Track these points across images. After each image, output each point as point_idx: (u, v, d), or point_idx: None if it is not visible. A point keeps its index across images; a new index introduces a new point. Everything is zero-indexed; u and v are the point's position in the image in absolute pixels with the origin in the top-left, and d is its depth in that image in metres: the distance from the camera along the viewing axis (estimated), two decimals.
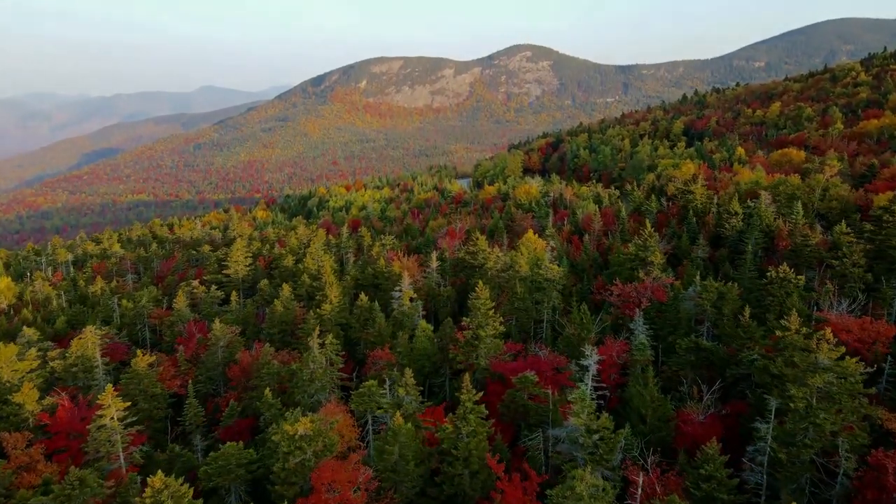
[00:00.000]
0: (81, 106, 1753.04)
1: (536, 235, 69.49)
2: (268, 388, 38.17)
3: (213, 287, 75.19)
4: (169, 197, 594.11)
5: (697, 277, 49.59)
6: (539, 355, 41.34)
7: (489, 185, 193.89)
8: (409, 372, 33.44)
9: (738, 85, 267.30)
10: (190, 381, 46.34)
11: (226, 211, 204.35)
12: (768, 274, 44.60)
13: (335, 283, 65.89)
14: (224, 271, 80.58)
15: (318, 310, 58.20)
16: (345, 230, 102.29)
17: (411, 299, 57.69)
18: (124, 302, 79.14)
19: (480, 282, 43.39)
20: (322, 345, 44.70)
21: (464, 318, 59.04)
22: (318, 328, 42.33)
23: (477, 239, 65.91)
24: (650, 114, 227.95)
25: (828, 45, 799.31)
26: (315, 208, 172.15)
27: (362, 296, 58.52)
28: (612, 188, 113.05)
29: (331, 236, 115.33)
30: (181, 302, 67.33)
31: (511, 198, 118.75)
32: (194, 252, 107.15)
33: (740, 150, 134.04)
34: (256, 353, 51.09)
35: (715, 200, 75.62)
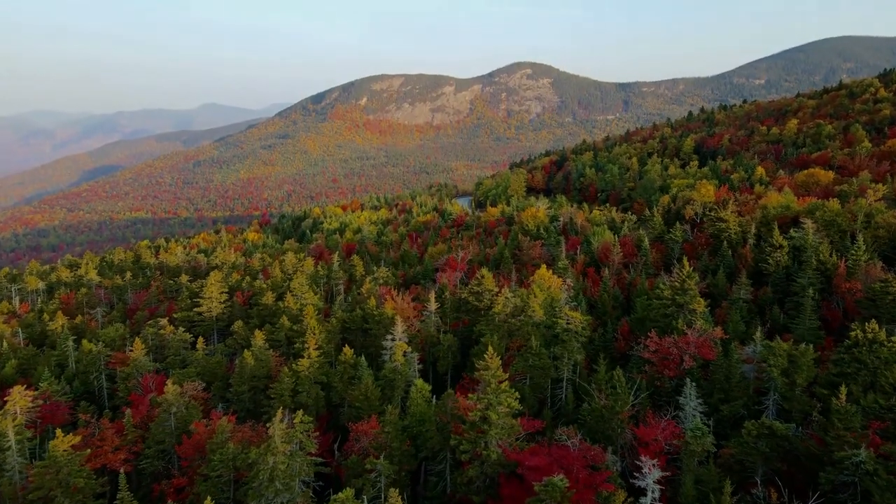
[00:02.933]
0: (84, 123, 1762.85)
1: (550, 272, 60.38)
2: (209, 498, 28.68)
3: (181, 329, 65.80)
4: (167, 214, 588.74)
5: (758, 334, 40.22)
6: (567, 445, 31.88)
7: (492, 205, 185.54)
8: (394, 494, 24.04)
9: (745, 102, 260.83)
10: (122, 471, 36.74)
11: (217, 232, 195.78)
12: (852, 334, 35.32)
13: (318, 329, 56.61)
14: (196, 309, 71.35)
15: (294, 364, 48.82)
16: (335, 258, 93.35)
17: (405, 353, 48.33)
18: (85, 343, 69.65)
19: (490, 347, 34.24)
20: (291, 424, 35.29)
21: (467, 377, 49.94)
22: (281, 412, 32.95)
23: (482, 277, 56.85)
24: (657, 131, 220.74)
25: (827, 63, 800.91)
26: (308, 231, 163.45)
27: (346, 349, 49.22)
28: (629, 214, 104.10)
29: (322, 263, 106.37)
30: (138, 349, 57.93)
31: (516, 222, 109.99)
32: (171, 282, 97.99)
33: (760, 170, 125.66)
34: (213, 426, 41.58)
35: (752, 230, 66.58)
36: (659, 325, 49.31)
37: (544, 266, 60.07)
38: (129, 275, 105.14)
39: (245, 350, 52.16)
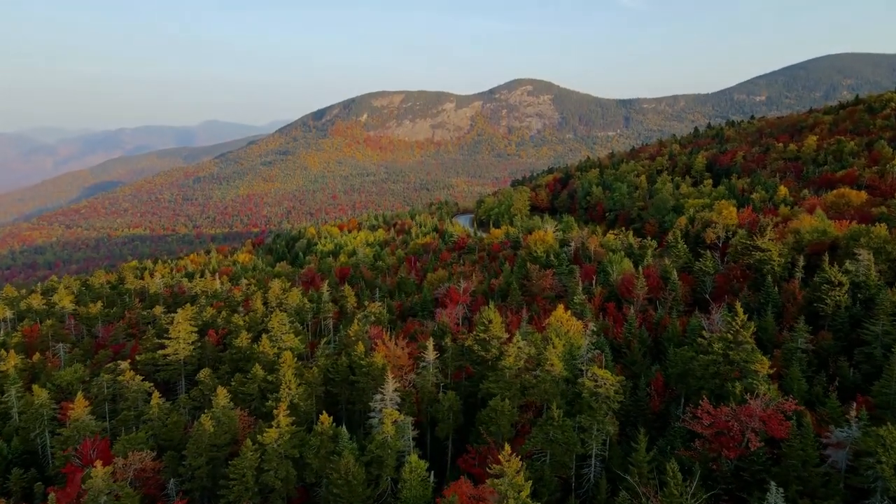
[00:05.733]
0: (86, 140, 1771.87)
1: (568, 313, 51.61)
2: None
3: (139, 377, 56.69)
4: (165, 231, 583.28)
5: (853, 416, 31.23)
6: None
7: (494, 225, 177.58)
8: None
9: (753, 118, 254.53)
10: None
11: (207, 253, 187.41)
12: None
13: (293, 382, 47.62)
14: (161, 351, 62.38)
15: (260, 435, 39.77)
16: (325, 288, 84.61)
17: (396, 422, 39.28)
18: (36, 389, 60.55)
19: (507, 445, 25.44)
20: None
21: (473, 449, 40.89)
22: None
23: (489, 322, 48.04)
24: (665, 148, 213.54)
25: (828, 79, 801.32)
26: (302, 253, 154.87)
27: (324, 417, 40.16)
28: (648, 239, 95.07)
29: (313, 291, 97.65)
30: (80, 406, 48.82)
31: (523, 246, 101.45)
32: (145, 313, 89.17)
33: (783, 190, 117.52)
34: None
35: (801, 262, 57.83)
36: (705, 386, 40.37)
37: (561, 307, 51.28)
38: (99, 304, 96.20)
39: (203, 413, 43.08)
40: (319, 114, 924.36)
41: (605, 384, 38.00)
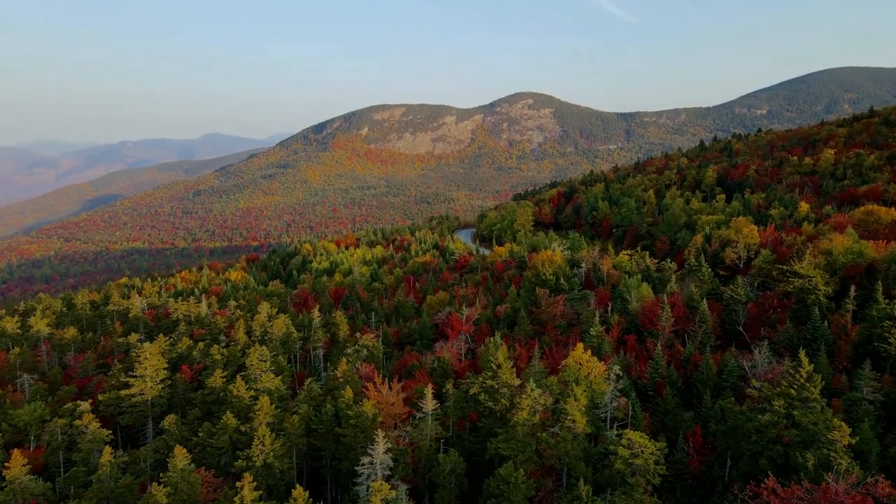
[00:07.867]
0: (88, 153, 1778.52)
1: (588, 352, 44.54)
2: None
3: (96, 423, 49.47)
4: (164, 245, 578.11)
5: None
6: None
7: (497, 242, 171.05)
8: None
9: (760, 130, 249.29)
10: None
11: (199, 269, 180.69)
12: None
13: (268, 438, 40.45)
14: (124, 391, 55.21)
15: None
16: (315, 314, 77.65)
17: (386, 499, 32.08)
18: None
19: None
20: None
21: None
22: None
23: (498, 368, 41.00)
24: (673, 161, 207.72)
25: (829, 93, 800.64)
26: (296, 271, 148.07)
27: (298, 490, 32.97)
28: (668, 261, 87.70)
29: (303, 315, 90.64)
30: (17, 464, 41.59)
31: (529, 266, 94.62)
32: (120, 341, 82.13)
33: (804, 206, 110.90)
34: None
35: (852, 293, 50.81)
36: (763, 453, 33.19)
37: (580, 347, 44.26)
38: (73, 329, 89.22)
39: (154, 483, 35.86)
40: (320, 127, 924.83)
41: (642, 453, 30.90)
